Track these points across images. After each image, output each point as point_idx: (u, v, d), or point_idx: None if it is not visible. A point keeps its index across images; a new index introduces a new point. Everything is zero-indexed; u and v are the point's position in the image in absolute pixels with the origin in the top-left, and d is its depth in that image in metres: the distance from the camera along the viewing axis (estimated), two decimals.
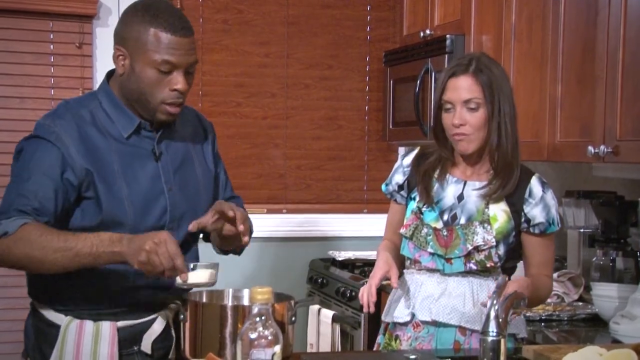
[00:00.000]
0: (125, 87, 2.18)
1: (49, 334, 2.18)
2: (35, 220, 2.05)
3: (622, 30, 2.56)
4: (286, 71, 4.27)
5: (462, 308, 2.28)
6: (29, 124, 3.78)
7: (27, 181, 2.08)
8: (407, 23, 4.08)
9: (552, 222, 2.31)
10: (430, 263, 2.33)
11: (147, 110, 2.18)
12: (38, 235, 2.02)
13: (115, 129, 2.18)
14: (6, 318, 3.83)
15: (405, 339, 2.35)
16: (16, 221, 2.03)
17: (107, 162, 2.14)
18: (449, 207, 2.33)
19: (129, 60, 2.16)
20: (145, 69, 2.13)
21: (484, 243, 2.26)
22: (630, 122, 2.54)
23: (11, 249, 2.03)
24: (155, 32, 2.12)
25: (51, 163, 2.10)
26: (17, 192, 2.08)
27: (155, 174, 2.20)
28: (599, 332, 2.66)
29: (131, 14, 2.17)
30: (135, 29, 2.14)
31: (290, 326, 2.02)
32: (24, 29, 3.84)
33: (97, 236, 2.02)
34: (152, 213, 2.18)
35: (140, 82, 2.14)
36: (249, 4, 4.21)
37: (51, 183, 2.09)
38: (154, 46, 2.12)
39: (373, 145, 4.39)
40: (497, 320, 1.80)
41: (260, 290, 1.67)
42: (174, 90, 2.14)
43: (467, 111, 2.28)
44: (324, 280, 3.93)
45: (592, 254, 3.05)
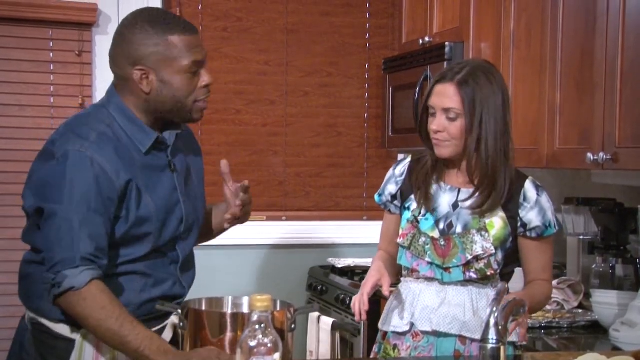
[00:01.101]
0: (156, 101, 2.17)
1: (56, 347, 2.17)
2: (99, 269, 2.05)
3: (621, 37, 2.56)
4: (286, 78, 4.27)
5: (462, 317, 2.27)
6: (29, 132, 3.85)
7: (79, 222, 2.05)
8: (406, 30, 4.08)
9: (548, 225, 2.30)
10: (428, 272, 2.32)
11: (182, 115, 2.20)
12: (100, 306, 2.02)
13: (132, 144, 2.17)
14: (6, 326, 3.82)
15: (404, 349, 2.34)
16: (83, 274, 2.03)
17: (133, 177, 2.13)
18: (444, 216, 2.33)
19: (154, 76, 2.14)
20: (175, 76, 2.14)
21: (483, 252, 2.26)
22: (629, 129, 2.54)
23: (74, 307, 2.04)
24: (172, 39, 2.13)
25: (94, 193, 2.07)
26: (71, 237, 2.04)
27: (172, 185, 2.23)
28: (599, 340, 2.66)
29: (138, 32, 2.15)
30: (151, 43, 2.13)
31: (289, 334, 2.01)
32: (23, 37, 3.84)
33: (149, 338, 2.02)
34: (172, 224, 2.22)
35: (174, 91, 2.15)
36: (249, 12, 4.21)
37: (99, 218, 2.08)
38: (181, 51, 2.13)
39: (372, 153, 4.40)
40: (497, 327, 1.80)
41: (259, 297, 1.67)
42: (205, 86, 2.18)
43: (446, 119, 2.28)
44: (324, 287, 3.93)
45: (592, 261, 3.05)
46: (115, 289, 2.12)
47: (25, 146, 3.85)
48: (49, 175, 2.10)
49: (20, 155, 3.85)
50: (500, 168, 2.27)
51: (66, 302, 2.05)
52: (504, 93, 2.30)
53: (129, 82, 2.18)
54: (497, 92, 2.28)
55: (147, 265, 2.19)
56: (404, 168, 2.46)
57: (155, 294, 2.20)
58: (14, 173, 3.84)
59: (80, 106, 3.89)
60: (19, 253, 3.82)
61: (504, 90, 2.31)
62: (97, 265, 2.06)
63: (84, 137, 2.11)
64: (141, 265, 2.18)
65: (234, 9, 4.19)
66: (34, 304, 2.26)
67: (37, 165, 2.19)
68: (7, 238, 3.84)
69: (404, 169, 2.46)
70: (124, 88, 2.21)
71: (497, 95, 2.27)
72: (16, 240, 3.83)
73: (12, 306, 3.82)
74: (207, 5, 4.15)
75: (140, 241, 2.16)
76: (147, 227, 2.16)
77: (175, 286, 2.26)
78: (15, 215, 3.83)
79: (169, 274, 2.25)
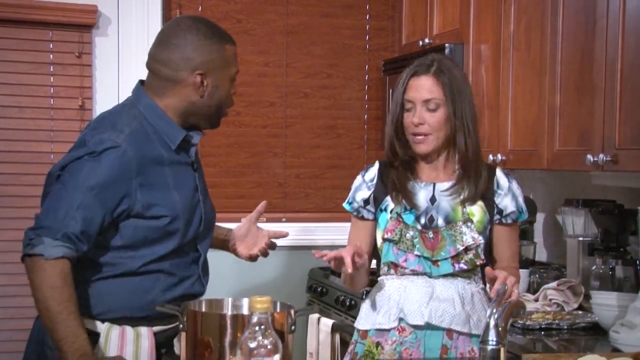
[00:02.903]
0: (203, 105, 2.29)
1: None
2: (75, 252, 2.12)
3: (621, 39, 2.56)
4: (285, 80, 4.27)
5: (452, 310, 2.29)
6: (28, 134, 3.85)
7: (81, 203, 2.12)
8: (406, 32, 4.08)
9: (521, 210, 2.39)
10: (417, 266, 2.33)
11: (213, 119, 2.34)
12: (53, 284, 2.09)
13: (162, 141, 2.26)
14: (6, 328, 3.82)
15: (389, 344, 2.32)
16: (57, 248, 2.10)
17: (162, 173, 2.24)
18: (423, 211, 2.35)
19: (209, 81, 2.27)
20: (226, 83, 2.31)
21: (473, 242, 2.30)
22: (629, 131, 2.54)
23: (33, 273, 2.11)
24: (227, 48, 2.31)
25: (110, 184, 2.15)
26: (66, 211, 2.12)
27: (194, 185, 2.33)
28: (599, 341, 2.66)
29: (199, 38, 2.26)
30: (212, 50, 2.27)
31: (289, 335, 2.01)
32: (23, 38, 3.84)
33: (75, 335, 2.08)
34: (194, 222, 2.32)
35: (222, 97, 2.31)
36: (248, 14, 4.22)
37: (101, 209, 2.15)
38: (232, 59, 2.33)
39: (372, 154, 4.39)
40: (497, 329, 1.80)
41: (259, 299, 1.67)
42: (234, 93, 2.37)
43: (426, 111, 2.33)
44: (324, 289, 3.93)
45: (592, 262, 3.05)
46: (142, 288, 2.23)
47: (25, 148, 3.86)
48: (76, 157, 2.18)
49: (19, 156, 3.85)
50: (480, 152, 2.38)
51: (29, 264, 2.12)
52: (469, 83, 2.44)
53: (178, 84, 2.26)
54: (467, 83, 2.39)
55: (172, 264, 2.28)
56: (374, 173, 2.48)
57: (177, 293, 2.29)
58: (13, 174, 3.84)
59: (80, 108, 3.89)
60: (18, 254, 3.82)
61: (468, 80, 2.47)
62: (76, 248, 2.12)
63: (118, 130, 2.20)
64: (167, 264, 2.27)
65: (233, 11, 4.20)
66: None
67: (68, 154, 2.25)
68: (6, 240, 3.83)
69: (373, 174, 2.48)
70: (166, 89, 2.28)
71: (467, 84, 2.39)
72: (16, 242, 3.84)
73: (11, 307, 3.83)
74: (206, 6, 4.15)
75: (168, 238, 2.24)
76: (176, 223, 2.24)
77: (196, 284, 2.36)
78: (15, 217, 3.83)
79: (191, 272, 2.34)
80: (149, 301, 2.23)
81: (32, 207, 3.83)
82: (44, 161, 3.88)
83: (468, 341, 2.30)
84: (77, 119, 3.91)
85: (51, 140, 3.88)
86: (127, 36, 3.97)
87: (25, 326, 3.80)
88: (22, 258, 2.16)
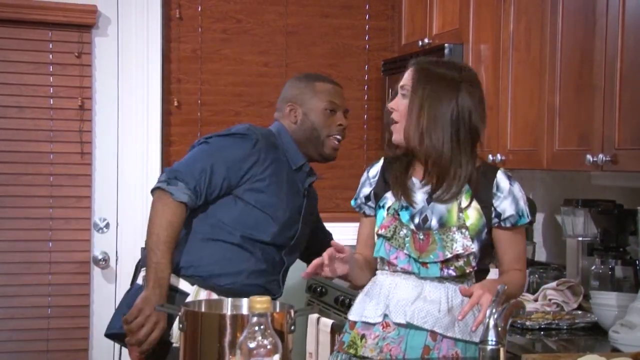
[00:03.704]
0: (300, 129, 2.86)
1: (173, 297, 2.59)
2: (194, 202, 2.63)
3: (620, 39, 2.56)
4: (285, 80, 4.22)
5: (436, 313, 2.26)
6: (28, 133, 3.85)
7: (212, 166, 2.64)
8: (405, 32, 4.08)
9: (522, 214, 2.31)
10: (406, 265, 2.32)
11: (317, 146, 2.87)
12: (170, 220, 2.57)
13: (286, 161, 2.80)
14: (6, 328, 3.82)
15: (371, 338, 2.32)
16: (184, 194, 2.59)
17: (280, 178, 2.74)
18: (419, 210, 2.33)
19: (300, 109, 2.86)
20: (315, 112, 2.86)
21: (464, 250, 2.26)
22: (628, 131, 2.54)
23: (158, 202, 2.60)
24: (317, 85, 2.88)
25: (241, 159, 2.68)
26: (201, 168, 2.63)
27: (300, 207, 2.84)
28: (599, 341, 2.66)
29: (292, 82, 2.96)
30: (301, 86, 2.89)
31: (289, 335, 2.01)
32: (23, 38, 3.85)
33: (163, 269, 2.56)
34: (287, 232, 2.79)
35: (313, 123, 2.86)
36: (248, 14, 4.22)
37: (227, 180, 2.66)
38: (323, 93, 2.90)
39: (372, 154, 4.40)
40: (496, 329, 1.80)
41: (259, 299, 1.67)
42: (339, 125, 2.89)
43: (400, 97, 2.34)
44: (323, 289, 3.93)
45: (591, 262, 3.05)
46: (235, 258, 2.68)
47: (25, 148, 3.86)
48: (221, 134, 2.75)
49: (19, 157, 3.85)
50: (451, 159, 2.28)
51: (159, 195, 2.60)
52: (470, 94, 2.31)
53: (284, 118, 2.86)
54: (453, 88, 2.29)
55: (263, 253, 2.72)
56: (377, 169, 2.48)
57: (258, 281, 2.71)
58: (13, 174, 3.84)
59: (79, 108, 3.89)
60: (18, 255, 3.86)
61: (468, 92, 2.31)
62: (196, 201, 2.63)
63: (258, 129, 2.78)
64: (259, 252, 2.72)
65: (233, 11, 4.20)
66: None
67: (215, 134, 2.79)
68: (6, 240, 3.84)
69: (376, 170, 2.48)
70: (280, 120, 2.88)
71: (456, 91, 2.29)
72: (15, 242, 3.85)
73: (11, 307, 3.83)
74: (206, 7, 4.15)
75: (265, 224, 2.72)
76: (273, 212, 2.71)
77: (274, 284, 2.80)
78: (15, 217, 3.84)
79: (275, 272, 2.79)
80: (235, 276, 2.66)
81: (32, 207, 3.86)
82: (43, 161, 3.88)
83: (452, 344, 2.26)
84: (77, 119, 3.91)
85: (51, 140, 3.89)
86: (127, 36, 3.98)
87: (25, 326, 3.85)
88: (153, 190, 2.63)
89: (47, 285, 3.87)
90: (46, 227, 3.88)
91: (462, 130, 2.29)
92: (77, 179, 3.92)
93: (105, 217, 3.96)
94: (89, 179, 3.94)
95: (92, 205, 3.95)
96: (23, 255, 3.85)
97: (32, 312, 3.87)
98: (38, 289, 3.86)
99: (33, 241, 3.88)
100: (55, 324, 3.88)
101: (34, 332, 3.85)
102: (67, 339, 3.89)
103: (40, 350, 3.86)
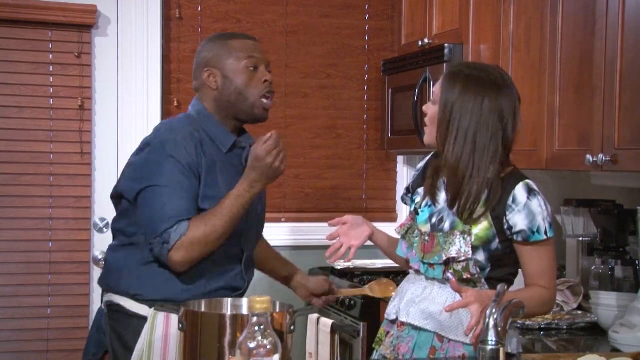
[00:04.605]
0: (223, 95, 2.56)
1: (130, 324, 2.46)
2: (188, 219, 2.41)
3: (620, 39, 2.56)
4: (285, 80, 4.27)
5: (438, 316, 2.27)
6: (28, 134, 3.85)
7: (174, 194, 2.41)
8: (405, 32, 4.08)
9: (536, 230, 2.22)
10: (416, 265, 2.35)
11: (247, 110, 2.57)
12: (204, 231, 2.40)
13: (214, 146, 2.53)
14: (6, 328, 3.82)
15: (390, 336, 2.39)
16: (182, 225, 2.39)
17: (214, 173, 2.49)
18: (438, 211, 2.34)
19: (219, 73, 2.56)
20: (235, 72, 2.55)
21: (457, 255, 2.24)
22: (628, 131, 2.54)
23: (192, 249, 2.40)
24: (231, 42, 2.58)
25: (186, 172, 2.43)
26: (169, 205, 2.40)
27: None
28: (598, 341, 2.66)
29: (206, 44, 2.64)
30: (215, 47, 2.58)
31: (289, 335, 2.01)
32: (23, 38, 3.84)
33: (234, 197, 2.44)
34: (240, 222, 2.50)
35: (237, 85, 2.55)
36: (248, 14, 4.21)
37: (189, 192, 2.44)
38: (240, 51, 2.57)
39: (372, 154, 4.40)
40: (496, 329, 1.80)
41: (259, 299, 1.67)
42: (265, 82, 2.58)
43: (430, 103, 2.35)
44: None
45: (591, 262, 3.05)
46: (187, 275, 2.45)
47: (25, 148, 3.86)
48: (148, 160, 2.46)
49: (19, 157, 3.85)
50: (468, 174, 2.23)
51: (181, 249, 2.38)
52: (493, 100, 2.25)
53: (203, 87, 2.58)
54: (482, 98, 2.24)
55: (216, 255, 2.47)
56: (423, 163, 2.50)
57: (219, 284, 2.51)
58: (13, 175, 3.84)
59: (79, 108, 3.89)
60: (18, 255, 3.85)
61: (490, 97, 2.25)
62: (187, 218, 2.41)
63: (177, 130, 2.50)
64: (211, 255, 2.46)
65: (233, 11, 4.19)
66: (113, 283, 2.53)
67: (134, 157, 2.54)
68: (6, 240, 3.84)
69: (423, 164, 2.50)
70: (202, 96, 2.60)
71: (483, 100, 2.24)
72: (15, 242, 3.85)
73: (11, 307, 3.83)
74: (206, 7, 4.15)
75: None
76: None
77: (237, 278, 2.58)
78: (15, 217, 3.84)
79: (234, 266, 2.57)
80: (193, 287, 2.47)
81: (32, 207, 3.86)
82: (43, 161, 3.88)
83: (460, 346, 2.25)
84: (77, 119, 3.91)
85: (51, 140, 3.88)
86: (126, 36, 3.97)
87: (25, 326, 3.85)
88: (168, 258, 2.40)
89: (47, 285, 3.87)
90: (46, 227, 3.87)
91: (486, 138, 2.23)
92: (77, 179, 3.92)
93: (105, 217, 3.96)
94: (88, 179, 3.93)
95: (92, 205, 3.95)
96: (23, 255, 3.85)
97: (32, 312, 3.86)
98: (38, 289, 3.86)
99: (33, 241, 3.87)
100: (55, 324, 3.87)
101: (33, 332, 3.85)
102: (67, 339, 3.89)
103: (40, 350, 3.86)
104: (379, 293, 2.85)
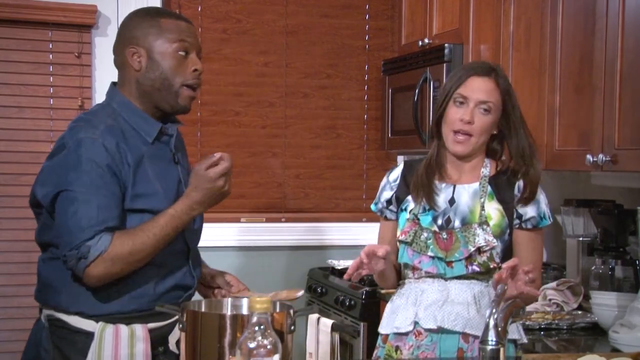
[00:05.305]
0: (145, 79, 2.30)
1: (76, 342, 2.24)
2: (111, 230, 2.17)
3: (620, 39, 2.56)
4: (285, 80, 4.27)
5: (466, 314, 2.28)
6: (28, 134, 3.85)
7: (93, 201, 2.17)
8: (405, 32, 4.08)
9: (543, 216, 2.35)
10: (431, 268, 2.33)
11: (170, 98, 2.30)
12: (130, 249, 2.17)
13: (138, 136, 2.29)
14: (6, 328, 3.82)
15: (406, 349, 2.33)
16: (103, 239, 2.16)
17: (142, 166, 2.26)
18: (441, 212, 2.35)
19: (144, 53, 2.29)
20: (163, 55, 2.29)
21: (485, 244, 2.28)
22: (628, 131, 2.54)
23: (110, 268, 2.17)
24: (164, 21, 2.30)
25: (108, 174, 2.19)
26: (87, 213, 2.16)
27: (177, 177, 2.37)
28: (598, 341, 2.66)
29: (134, 18, 2.33)
30: (144, 25, 2.30)
31: (289, 335, 2.01)
32: (23, 38, 3.84)
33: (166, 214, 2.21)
34: None
35: (162, 69, 2.29)
36: (248, 14, 4.21)
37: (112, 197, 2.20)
38: (172, 32, 2.29)
39: (372, 154, 4.40)
40: (496, 328, 1.80)
41: (259, 299, 1.67)
42: (194, 71, 2.31)
43: (478, 111, 2.32)
44: (323, 289, 3.93)
45: (591, 262, 3.05)
46: (133, 281, 2.23)
47: (25, 148, 3.85)
48: (64, 163, 2.21)
49: (19, 157, 3.85)
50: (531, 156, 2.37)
51: (100, 265, 2.15)
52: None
53: (125, 67, 2.32)
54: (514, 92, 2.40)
55: (161, 255, 2.26)
56: (398, 174, 2.50)
57: (169, 285, 2.31)
58: (13, 175, 3.84)
59: (79, 108, 3.89)
60: (18, 255, 3.85)
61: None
62: (109, 229, 2.17)
63: (94, 126, 2.22)
64: (156, 256, 2.25)
65: (233, 11, 4.20)
66: (51, 300, 2.29)
67: (49, 161, 2.29)
68: (6, 240, 3.83)
69: (397, 174, 2.50)
70: (123, 78, 2.33)
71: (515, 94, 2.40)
72: (15, 242, 3.85)
73: (11, 307, 3.83)
74: (206, 7, 4.15)
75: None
76: (155, 206, 2.25)
77: (187, 276, 2.37)
78: (15, 217, 3.83)
79: (181, 264, 2.35)
80: (141, 294, 2.26)
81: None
82: (43, 161, 3.86)
83: None
84: None
85: (50, 140, 3.88)
86: None
87: (25, 326, 3.82)
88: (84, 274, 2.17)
89: None
90: None
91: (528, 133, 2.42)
92: None
93: None
94: None
95: None
96: (23, 255, 3.85)
97: (32, 312, 3.85)
98: None
99: (33, 241, 3.85)
100: None
101: None
102: None
103: None
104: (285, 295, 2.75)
